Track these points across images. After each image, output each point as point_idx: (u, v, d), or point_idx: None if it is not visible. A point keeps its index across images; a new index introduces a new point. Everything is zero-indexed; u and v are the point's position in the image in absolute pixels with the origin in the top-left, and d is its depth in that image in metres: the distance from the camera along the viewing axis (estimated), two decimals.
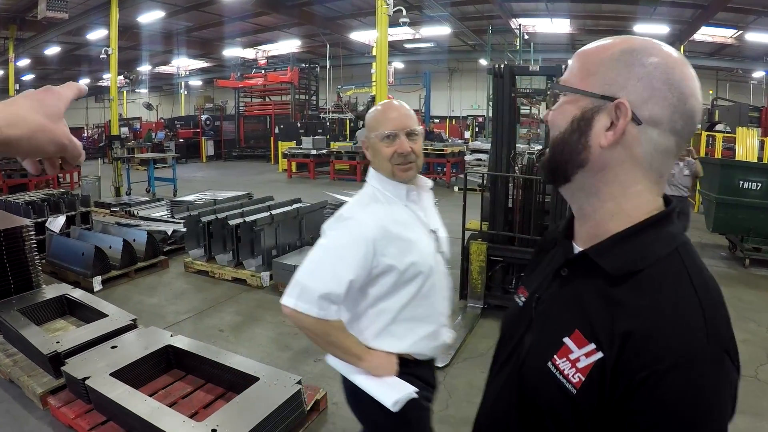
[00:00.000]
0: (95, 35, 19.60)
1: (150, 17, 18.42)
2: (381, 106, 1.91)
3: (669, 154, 0.87)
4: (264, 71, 24.80)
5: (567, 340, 0.86)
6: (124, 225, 8.23)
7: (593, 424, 0.81)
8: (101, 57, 15.58)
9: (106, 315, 4.50)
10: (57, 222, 7.38)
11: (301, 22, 20.45)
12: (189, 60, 29.31)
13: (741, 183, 7.37)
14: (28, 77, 27.35)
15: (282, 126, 22.28)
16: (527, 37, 19.51)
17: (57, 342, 3.91)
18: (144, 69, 27.32)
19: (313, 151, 17.56)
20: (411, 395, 1.73)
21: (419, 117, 25.86)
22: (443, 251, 1.95)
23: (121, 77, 15.03)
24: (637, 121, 0.84)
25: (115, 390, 3.22)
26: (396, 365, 1.81)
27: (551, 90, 0.99)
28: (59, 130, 0.75)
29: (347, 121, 23.95)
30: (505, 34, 19.89)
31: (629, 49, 0.86)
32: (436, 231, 1.93)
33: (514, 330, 1.03)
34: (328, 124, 23.14)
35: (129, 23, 18.23)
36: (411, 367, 1.86)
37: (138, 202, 11.30)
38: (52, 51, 22.95)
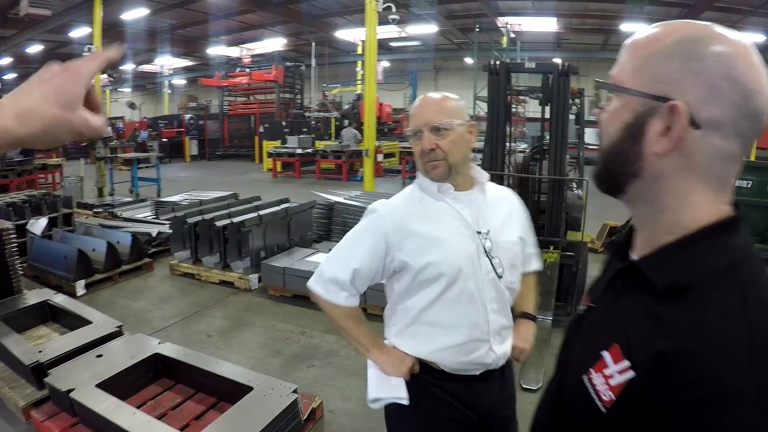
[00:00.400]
0: (78, 33, 19.21)
1: (134, 14, 18.09)
2: (416, 100, 1.80)
3: (733, 159, 0.77)
4: (249, 70, 24.54)
5: (605, 353, 0.78)
6: (107, 227, 8.02)
7: None
8: (84, 55, 15.23)
9: (90, 322, 4.32)
10: (38, 224, 7.15)
11: (287, 20, 20.24)
12: (173, 59, 28.88)
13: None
14: (9, 76, 26.84)
15: (267, 125, 22.04)
16: (514, 36, 19.47)
17: (39, 351, 3.74)
18: (127, 68, 26.95)
19: (299, 150, 17.38)
20: (397, 399, 1.72)
21: (405, 115, 25.85)
22: (495, 257, 1.73)
23: (105, 76, 14.72)
24: (696, 125, 0.73)
25: (102, 402, 3.06)
26: (407, 368, 1.73)
27: (599, 88, 0.89)
28: (77, 119, 0.67)
29: (332, 120, 23.76)
30: (492, 32, 19.85)
31: (684, 39, 0.75)
32: (485, 232, 1.74)
33: (570, 340, 0.96)
34: (313, 123, 22.95)
35: (113, 21, 17.90)
36: (438, 379, 1.75)
37: (121, 202, 11.11)
38: (34, 49, 22.52)
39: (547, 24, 19.67)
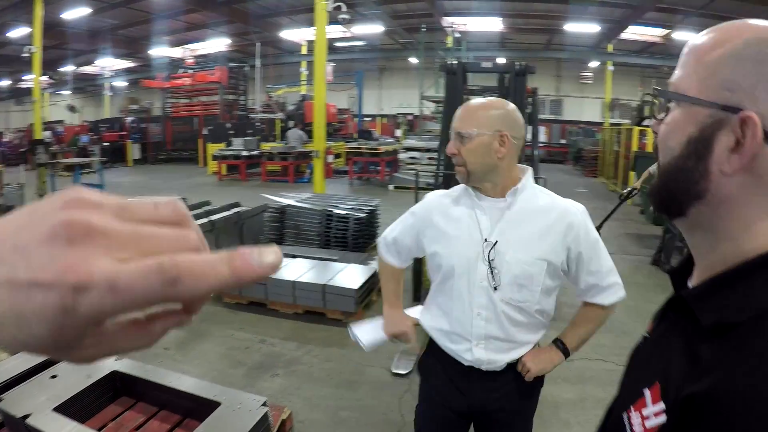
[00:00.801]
0: (17, 33, 18.38)
1: (75, 14, 17.41)
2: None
3: None
4: (192, 71, 23.93)
5: (646, 391, 0.69)
6: None
7: None
8: (23, 56, 14.55)
9: None
10: None
11: (232, 19, 19.93)
12: (114, 60, 27.88)
13: None
14: None
15: (211, 127, 21.48)
16: (459, 36, 19.69)
17: None
18: (67, 69, 25.94)
19: (244, 153, 17.04)
20: (359, 341, 2.07)
21: (350, 115, 25.81)
22: (496, 268, 1.72)
23: (46, 77, 14.10)
24: None
25: (62, 428, 2.86)
26: (396, 332, 2.05)
27: (658, 96, 0.77)
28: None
29: (277, 121, 23.43)
30: (437, 32, 20.03)
31: (756, 40, 0.64)
32: (492, 242, 1.72)
33: (628, 369, 0.88)
34: (258, 124, 22.57)
35: (53, 20, 17.17)
36: (435, 352, 1.95)
37: None
38: None
39: (493, 24, 20.00)
